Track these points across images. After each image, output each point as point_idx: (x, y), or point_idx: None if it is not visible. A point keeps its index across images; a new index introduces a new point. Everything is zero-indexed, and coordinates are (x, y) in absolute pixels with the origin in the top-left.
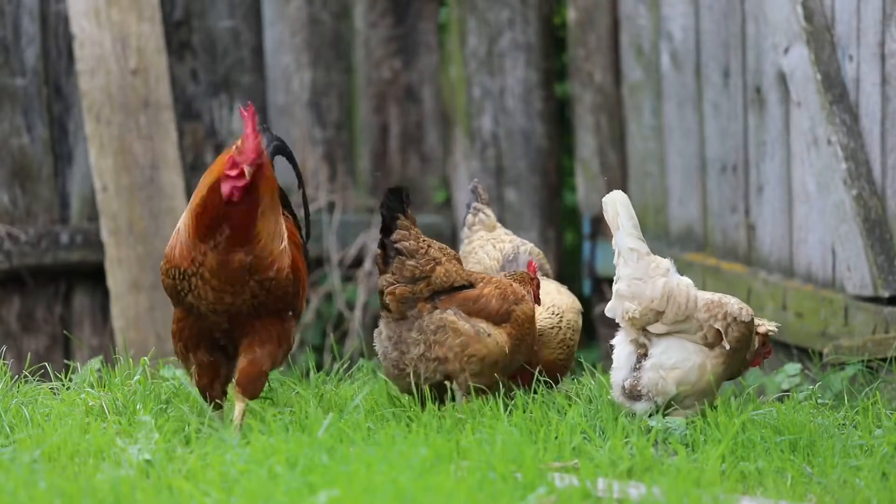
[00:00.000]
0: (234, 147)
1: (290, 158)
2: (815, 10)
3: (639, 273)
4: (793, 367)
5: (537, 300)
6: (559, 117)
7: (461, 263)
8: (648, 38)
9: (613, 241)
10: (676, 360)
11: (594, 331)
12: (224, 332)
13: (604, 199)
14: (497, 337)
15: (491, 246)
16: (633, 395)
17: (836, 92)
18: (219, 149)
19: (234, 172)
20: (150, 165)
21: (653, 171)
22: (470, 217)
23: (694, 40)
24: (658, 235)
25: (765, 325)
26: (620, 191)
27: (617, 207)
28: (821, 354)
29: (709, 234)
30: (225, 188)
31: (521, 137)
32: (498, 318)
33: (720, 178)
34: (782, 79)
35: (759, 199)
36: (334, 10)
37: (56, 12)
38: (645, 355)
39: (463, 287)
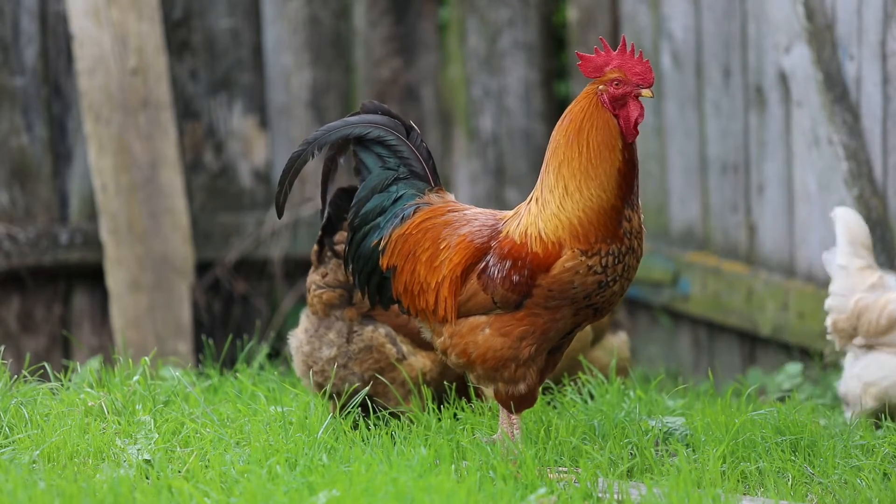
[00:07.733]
0: (606, 80)
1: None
2: (815, 10)
3: (843, 290)
4: (794, 368)
5: None
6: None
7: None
8: (649, 37)
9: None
10: (874, 373)
11: None
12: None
13: (832, 214)
14: (415, 362)
15: None
16: (846, 401)
17: (837, 91)
18: (218, 148)
19: (634, 102)
20: (150, 165)
21: (653, 171)
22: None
23: (694, 40)
24: (658, 235)
25: None
26: (852, 210)
27: (838, 225)
28: (822, 354)
29: (709, 233)
30: (634, 117)
31: (522, 137)
32: (425, 343)
33: (721, 178)
34: (783, 78)
35: (760, 199)
36: (334, 10)
37: (55, 12)
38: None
39: None
